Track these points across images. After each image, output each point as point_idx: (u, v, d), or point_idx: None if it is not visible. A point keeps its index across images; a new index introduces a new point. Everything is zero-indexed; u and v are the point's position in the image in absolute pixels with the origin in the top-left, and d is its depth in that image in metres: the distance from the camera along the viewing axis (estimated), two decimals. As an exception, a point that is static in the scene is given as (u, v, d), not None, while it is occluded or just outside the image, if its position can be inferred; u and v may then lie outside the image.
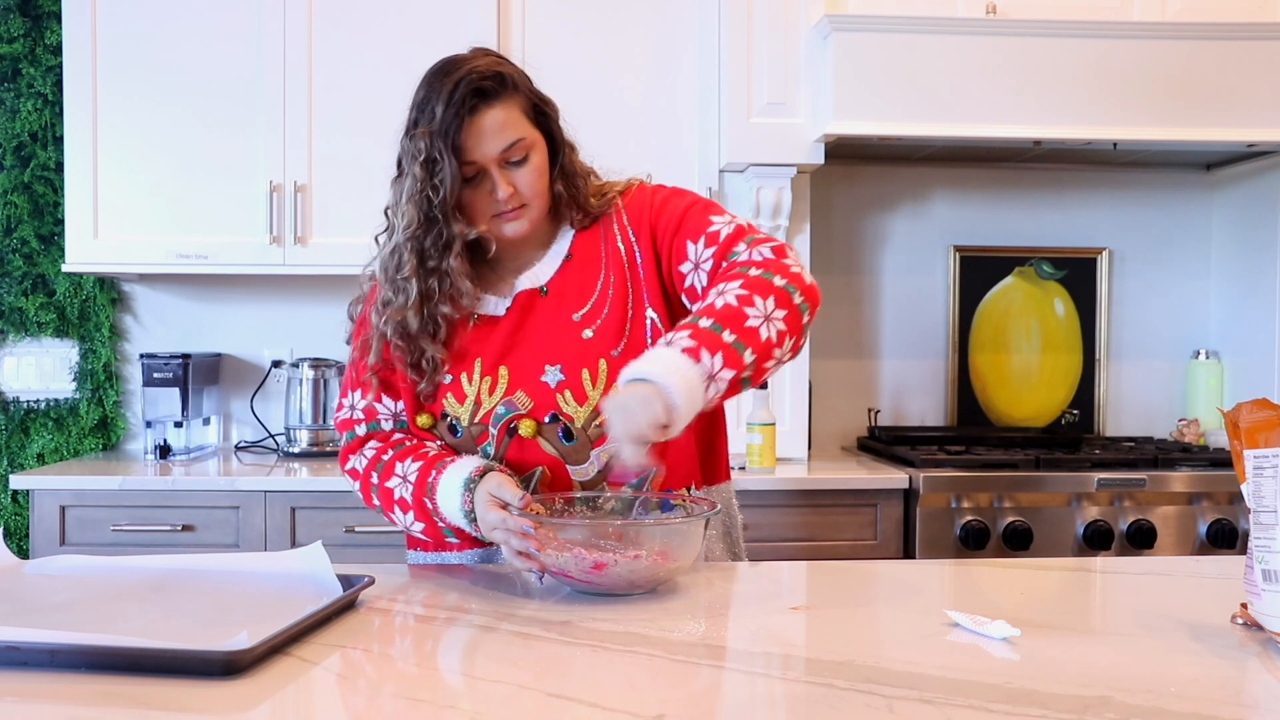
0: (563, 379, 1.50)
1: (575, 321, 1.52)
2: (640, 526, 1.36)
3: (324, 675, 1.06)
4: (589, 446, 1.51)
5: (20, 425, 3.22)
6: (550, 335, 1.52)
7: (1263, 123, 2.83)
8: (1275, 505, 1.14)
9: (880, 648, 1.19)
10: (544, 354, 1.51)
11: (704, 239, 1.50)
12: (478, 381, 1.52)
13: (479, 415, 1.51)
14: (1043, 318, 3.42)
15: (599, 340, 1.51)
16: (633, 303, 1.53)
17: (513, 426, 1.50)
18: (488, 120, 1.48)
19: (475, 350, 1.53)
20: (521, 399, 1.50)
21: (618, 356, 1.49)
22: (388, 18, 2.95)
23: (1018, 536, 2.67)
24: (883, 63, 2.79)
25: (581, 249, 1.57)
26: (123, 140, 2.92)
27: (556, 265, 1.56)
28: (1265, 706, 1.03)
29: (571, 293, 1.54)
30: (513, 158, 1.50)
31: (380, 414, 1.59)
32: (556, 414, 1.50)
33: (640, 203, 1.58)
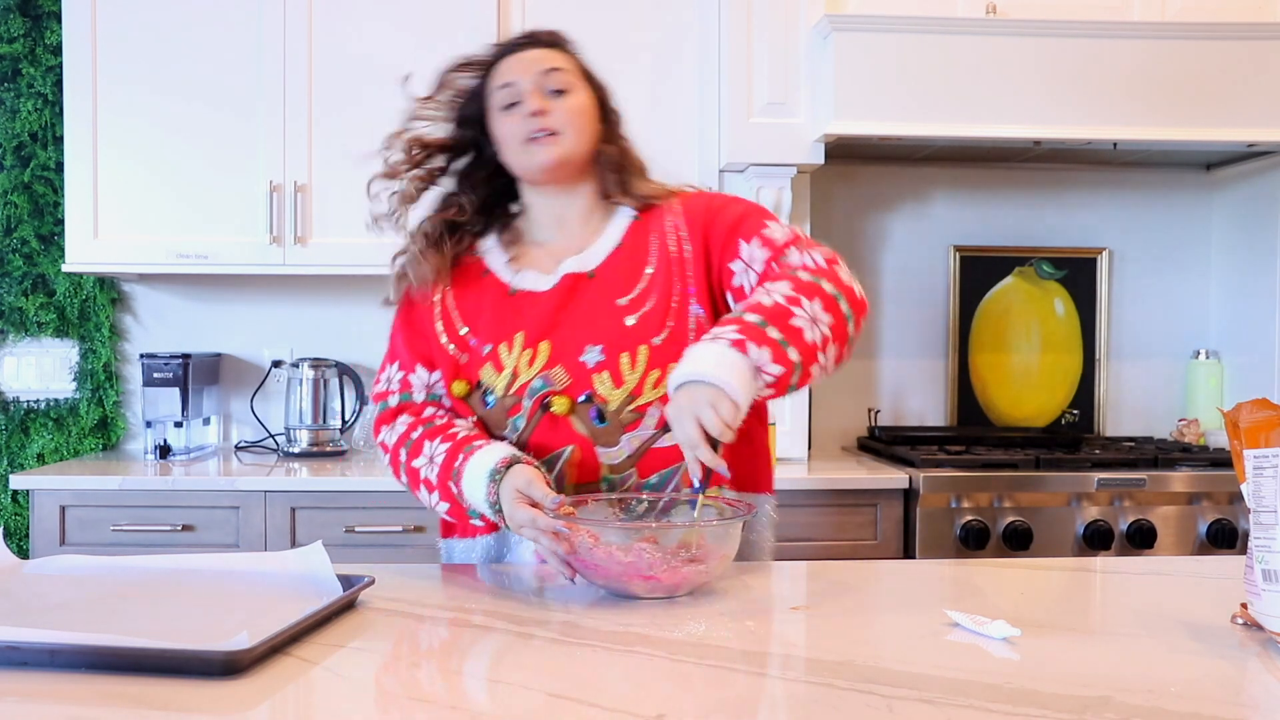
0: (602, 360, 1.50)
1: (620, 306, 1.53)
2: (678, 529, 1.34)
3: (324, 675, 1.06)
4: (620, 430, 1.50)
5: (20, 425, 3.22)
6: (594, 317, 1.53)
7: (1263, 123, 2.83)
8: (1275, 505, 1.14)
9: (880, 648, 1.19)
10: (586, 334, 1.52)
11: (758, 240, 1.51)
12: (517, 353, 1.53)
13: (514, 387, 1.52)
14: (1043, 318, 3.42)
15: (641, 327, 1.52)
16: (678, 295, 1.53)
17: (546, 402, 1.51)
18: (534, 53, 1.57)
19: (517, 323, 1.54)
20: (559, 375, 1.51)
21: (659, 345, 1.50)
22: (387, 18, 2.95)
23: (1018, 536, 2.67)
24: (883, 63, 2.79)
25: (633, 238, 1.58)
26: (123, 140, 2.92)
27: (607, 252, 1.58)
28: (1265, 706, 1.03)
29: (619, 279, 1.55)
30: (552, 84, 1.54)
31: (414, 385, 1.60)
32: (591, 395, 1.50)
33: (698, 205, 1.60)
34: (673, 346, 1.48)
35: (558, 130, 1.53)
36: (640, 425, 1.51)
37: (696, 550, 1.32)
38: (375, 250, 2.94)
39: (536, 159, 1.54)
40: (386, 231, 1.65)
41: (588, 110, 1.57)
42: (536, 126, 1.53)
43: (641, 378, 1.50)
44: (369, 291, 3.23)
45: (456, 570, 1.56)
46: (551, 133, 1.53)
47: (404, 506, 2.65)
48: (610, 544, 1.30)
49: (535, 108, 1.52)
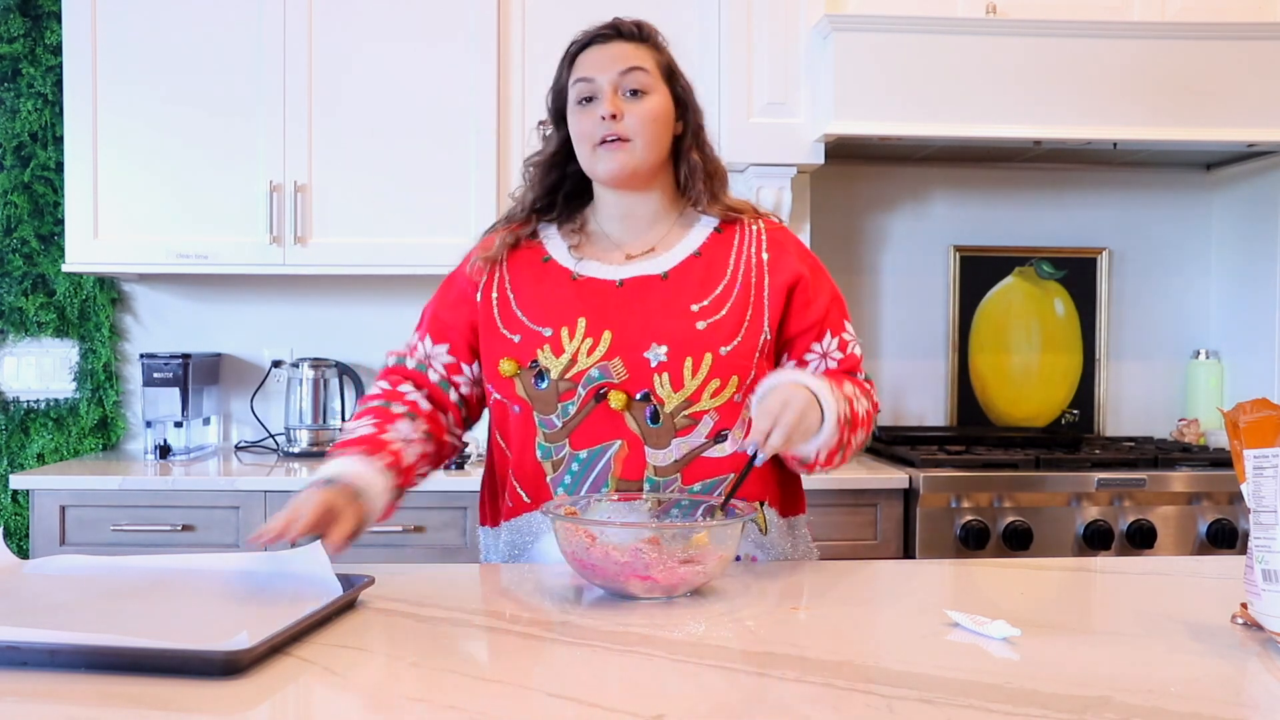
0: (665, 361, 1.50)
1: (692, 311, 1.53)
2: (674, 529, 1.34)
3: (324, 675, 1.06)
4: (672, 434, 1.51)
5: (20, 425, 3.22)
6: (664, 315, 1.53)
7: (1263, 123, 2.83)
8: (1275, 505, 1.14)
9: (880, 648, 1.19)
10: (653, 331, 1.51)
11: (838, 341, 1.61)
12: (579, 339, 1.52)
13: (571, 372, 1.52)
14: (1043, 318, 3.42)
15: (711, 333, 1.52)
16: (752, 314, 1.55)
17: (602, 393, 1.50)
18: (616, 48, 1.56)
19: (579, 308, 1.54)
20: (618, 367, 1.51)
21: (725, 355, 1.51)
22: (388, 18, 2.95)
23: (1018, 536, 2.67)
24: (883, 63, 2.79)
25: (712, 250, 1.59)
26: (123, 140, 2.92)
27: (683, 258, 1.58)
28: (1265, 706, 1.03)
29: (693, 284, 1.55)
30: (629, 84, 1.53)
31: (417, 352, 1.63)
32: (649, 393, 1.50)
33: (788, 244, 1.62)
34: (738, 360, 1.51)
35: (629, 137, 1.52)
36: (693, 431, 1.51)
37: (694, 551, 1.32)
38: (375, 250, 2.97)
39: (604, 165, 1.54)
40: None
41: (663, 115, 1.56)
42: (608, 132, 1.52)
43: (701, 384, 1.50)
44: (369, 291, 3.26)
45: (456, 570, 1.56)
46: (622, 139, 1.52)
47: (404, 506, 2.63)
48: (607, 544, 1.30)
49: (608, 111, 1.51)
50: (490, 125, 2.94)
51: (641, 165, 1.54)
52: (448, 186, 2.94)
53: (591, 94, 1.53)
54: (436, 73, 2.94)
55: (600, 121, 1.52)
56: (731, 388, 1.52)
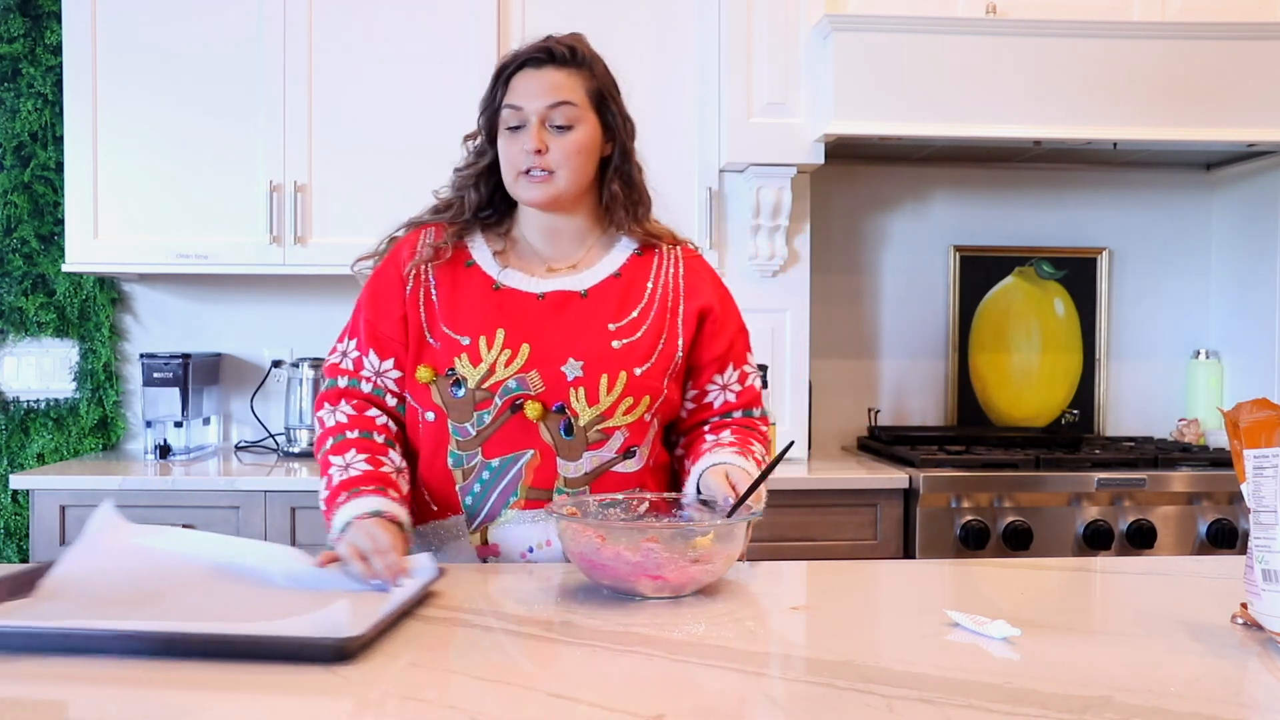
0: (581, 375, 1.53)
1: (609, 330, 1.57)
2: (685, 529, 1.35)
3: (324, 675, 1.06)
4: (584, 447, 1.55)
5: (20, 425, 3.22)
6: (581, 332, 1.56)
7: (1263, 123, 2.83)
8: (1275, 505, 1.14)
9: (880, 648, 1.19)
10: (570, 346, 1.55)
11: (739, 374, 1.67)
12: (498, 349, 1.54)
13: (489, 382, 1.54)
14: (1043, 318, 3.42)
15: (626, 353, 1.56)
16: (666, 337, 1.60)
17: (518, 404, 1.53)
18: (545, 76, 1.56)
19: (498, 319, 1.56)
20: (535, 380, 1.53)
21: (639, 376, 1.55)
22: (388, 18, 2.95)
23: (1018, 536, 2.67)
24: (882, 63, 2.79)
25: (632, 271, 1.63)
26: (123, 140, 2.92)
27: (603, 277, 1.61)
28: (1265, 706, 1.03)
29: (612, 304, 1.59)
30: (556, 119, 1.55)
31: (365, 371, 1.63)
32: (564, 406, 1.53)
33: (704, 274, 1.68)
34: (650, 380, 1.57)
35: (552, 169, 1.55)
36: (604, 446, 1.55)
37: (703, 550, 1.33)
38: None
39: (526, 195, 1.58)
40: None
41: (588, 147, 1.58)
42: (533, 165, 1.55)
43: (615, 401, 1.54)
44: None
45: (456, 570, 1.56)
46: (547, 171, 1.55)
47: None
48: (618, 544, 1.30)
49: (534, 145, 1.54)
50: (490, 125, 2.94)
51: (563, 195, 1.58)
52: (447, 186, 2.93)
53: (519, 122, 1.56)
54: (436, 73, 2.94)
55: (525, 154, 1.55)
56: (643, 406, 1.57)
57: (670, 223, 1.72)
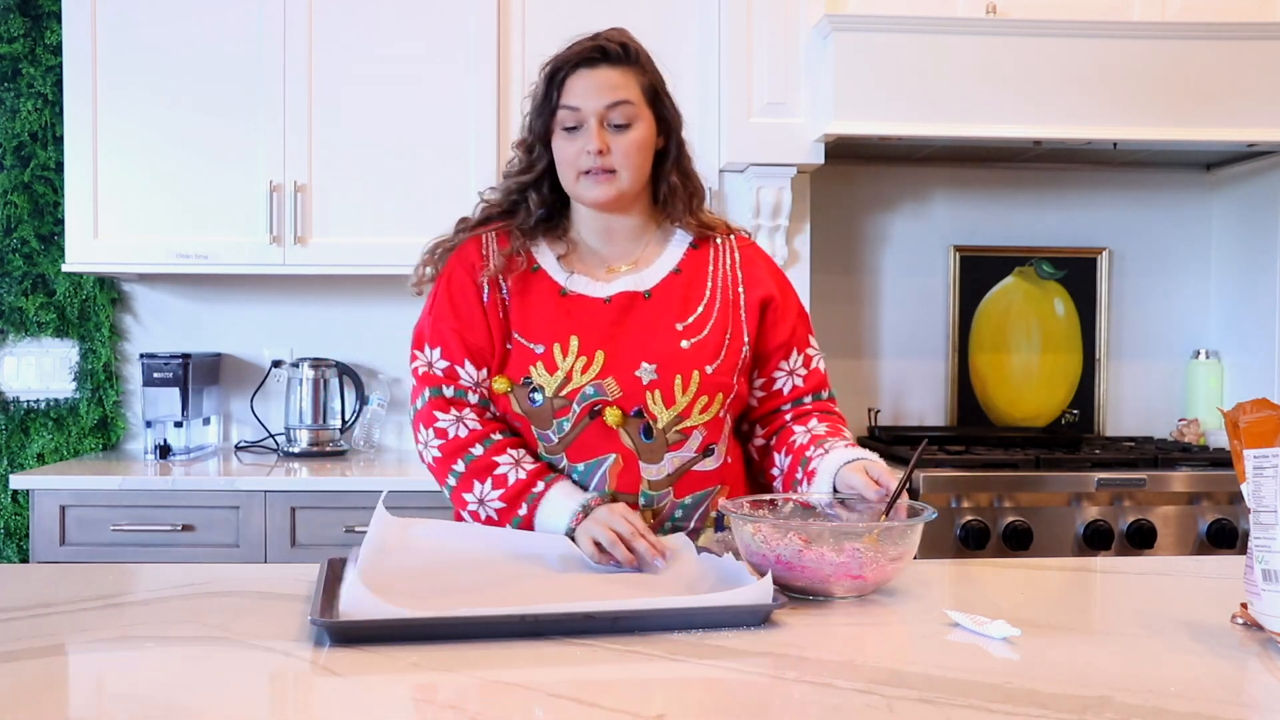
0: (656, 379, 1.54)
1: (677, 330, 1.57)
2: (891, 528, 1.36)
3: (322, 676, 1.07)
4: (665, 449, 1.55)
5: (20, 425, 3.22)
6: (651, 334, 1.57)
7: (1263, 123, 2.83)
8: (1275, 505, 1.14)
9: (880, 648, 1.19)
10: (642, 350, 1.55)
11: (804, 358, 1.68)
12: (573, 357, 1.54)
13: (566, 390, 1.54)
14: (1043, 318, 3.42)
15: (696, 352, 1.57)
16: (732, 332, 1.61)
17: (597, 410, 1.54)
18: (600, 75, 1.55)
19: (570, 326, 1.56)
20: (611, 386, 1.54)
21: (710, 374, 1.56)
22: (388, 18, 2.95)
23: (1018, 536, 2.67)
24: (883, 63, 2.79)
25: (691, 266, 1.63)
26: (123, 140, 2.92)
27: (664, 274, 1.62)
28: (1265, 706, 1.03)
29: (675, 302, 1.60)
30: (615, 118, 1.55)
31: (464, 380, 1.58)
32: (642, 410, 1.54)
33: (760, 262, 1.69)
34: (722, 377, 1.57)
35: (615, 169, 1.55)
36: (683, 446, 1.56)
37: (904, 547, 1.36)
38: (375, 250, 2.97)
39: (589, 195, 1.57)
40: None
41: (647, 144, 1.58)
42: (594, 165, 1.54)
43: (691, 401, 1.55)
44: (369, 291, 3.25)
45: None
46: (608, 171, 1.55)
47: (404, 506, 2.63)
48: (823, 546, 1.32)
49: (596, 146, 1.53)
50: (490, 126, 2.94)
51: (626, 193, 1.58)
52: (447, 186, 2.93)
53: (577, 123, 1.55)
54: (436, 73, 2.94)
55: (586, 154, 1.54)
56: (718, 404, 1.57)
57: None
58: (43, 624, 1.25)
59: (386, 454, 3.19)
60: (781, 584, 1.37)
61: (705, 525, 1.60)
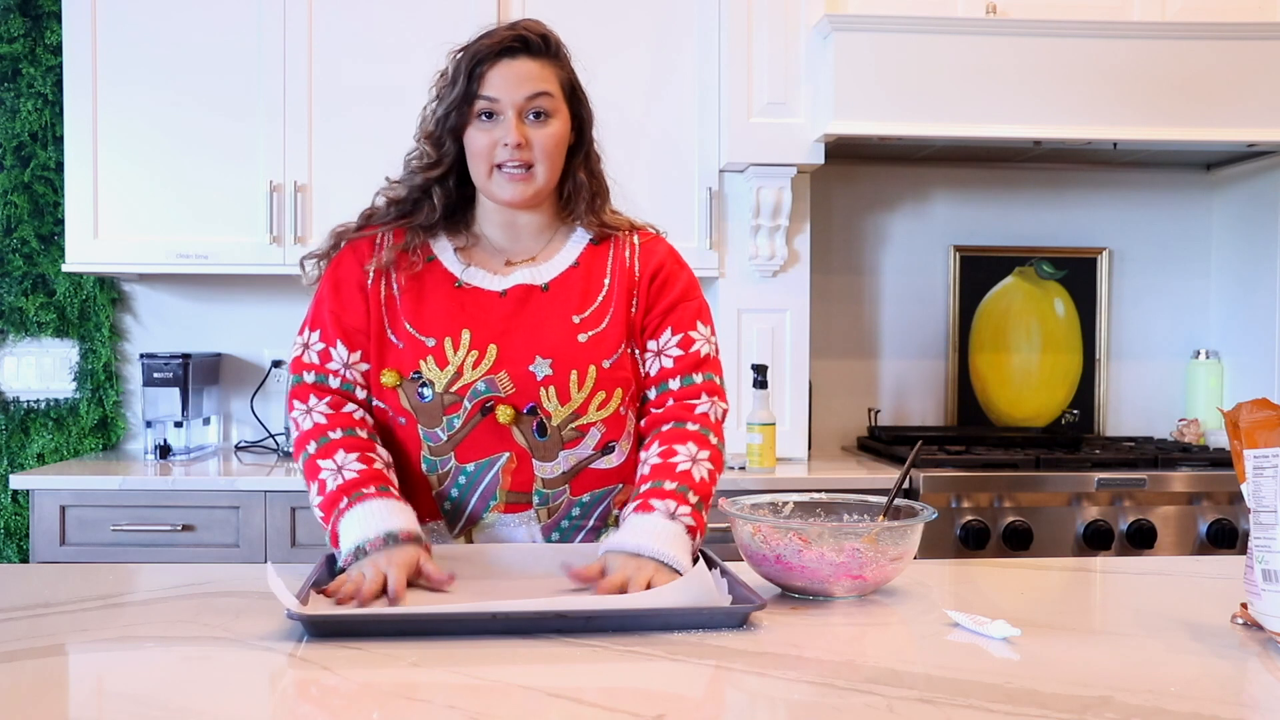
0: (550, 374, 1.50)
1: (574, 324, 1.53)
2: (889, 529, 1.35)
3: (322, 676, 1.07)
4: (559, 446, 1.51)
5: (20, 425, 3.22)
6: (546, 328, 1.52)
7: (1263, 123, 2.83)
8: (1275, 505, 1.14)
9: (880, 648, 1.19)
10: (537, 344, 1.51)
11: (681, 338, 1.57)
12: (464, 352, 1.50)
13: (457, 385, 1.50)
14: (1043, 318, 3.42)
15: (593, 347, 1.52)
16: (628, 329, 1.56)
17: (489, 407, 1.50)
18: (524, 67, 1.51)
19: (463, 319, 1.52)
20: (504, 381, 1.50)
21: (608, 369, 1.52)
22: (387, 18, 2.95)
23: (1018, 536, 2.67)
24: (883, 63, 2.79)
25: (589, 261, 1.58)
26: (123, 140, 2.92)
27: (563, 268, 1.57)
28: (1265, 706, 1.03)
29: (574, 295, 1.55)
30: (534, 109, 1.50)
31: (332, 365, 1.54)
32: (536, 407, 1.50)
33: (660, 256, 1.61)
34: (620, 372, 1.53)
35: (532, 163, 1.51)
36: (580, 444, 1.52)
37: (904, 547, 1.35)
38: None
39: (505, 194, 1.52)
40: None
41: (563, 140, 1.54)
42: (513, 159, 1.50)
43: (587, 397, 1.51)
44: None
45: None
46: (525, 167, 1.50)
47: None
48: (823, 546, 1.32)
49: (515, 138, 1.49)
50: (490, 125, 2.94)
51: (541, 190, 1.53)
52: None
53: (494, 113, 1.50)
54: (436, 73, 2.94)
55: (504, 148, 1.50)
56: (616, 399, 1.53)
57: (655, 219, 1.66)
58: (43, 624, 1.25)
59: (386, 454, 3.18)
60: (781, 584, 1.37)
61: (606, 525, 1.56)
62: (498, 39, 1.52)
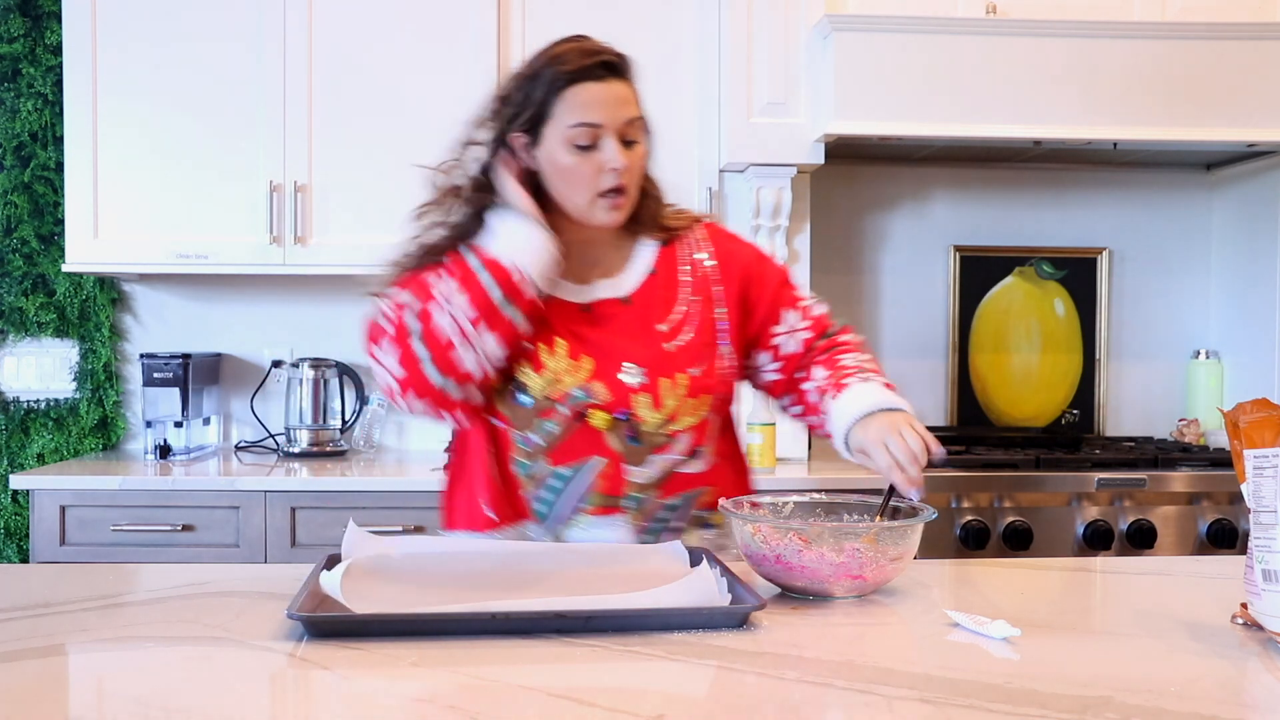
0: (644, 382, 1.52)
1: (660, 332, 1.56)
2: (895, 528, 1.35)
3: (322, 676, 1.06)
4: (650, 451, 1.53)
5: (20, 425, 3.22)
6: (634, 338, 1.55)
7: (1263, 123, 2.83)
8: (1275, 505, 1.14)
9: (880, 648, 1.19)
10: (627, 354, 1.53)
11: (799, 311, 1.65)
12: (561, 359, 1.53)
13: (554, 392, 1.52)
14: (1043, 318, 3.42)
15: (681, 355, 1.55)
16: (714, 330, 1.59)
17: (584, 413, 1.52)
18: (618, 89, 1.51)
19: (555, 328, 1.54)
20: (599, 390, 1.52)
21: (697, 375, 1.54)
22: (388, 18, 2.95)
23: (1018, 536, 2.67)
24: (883, 63, 2.79)
25: (664, 265, 1.61)
26: (123, 140, 2.92)
27: (641, 278, 1.59)
28: (1265, 706, 1.03)
29: (656, 304, 1.58)
30: (630, 135, 1.51)
31: None
32: (629, 414, 1.52)
33: (729, 247, 1.66)
34: (707, 379, 1.56)
35: (628, 187, 1.51)
36: (670, 449, 1.54)
37: (904, 547, 1.35)
38: (375, 250, 2.95)
39: (606, 219, 1.52)
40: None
41: (647, 159, 1.56)
42: (615, 185, 1.49)
43: (679, 404, 1.53)
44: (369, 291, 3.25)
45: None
46: (622, 190, 1.51)
47: (404, 506, 2.65)
48: (822, 546, 1.32)
49: (623, 163, 1.48)
50: (490, 125, 2.94)
51: (629, 213, 1.55)
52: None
53: (594, 141, 1.48)
54: (436, 73, 2.94)
55: (610, 173, 1.49)
56: (705, 405, 1.56)
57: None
58: (43, 624, 1.25)
59: (386, 454, 3.19)
60: (781, 584, 1.37)
61: (693, 525, 1.58)
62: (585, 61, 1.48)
